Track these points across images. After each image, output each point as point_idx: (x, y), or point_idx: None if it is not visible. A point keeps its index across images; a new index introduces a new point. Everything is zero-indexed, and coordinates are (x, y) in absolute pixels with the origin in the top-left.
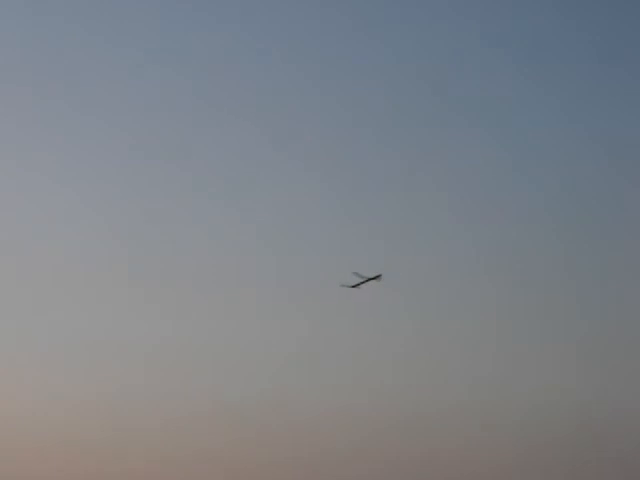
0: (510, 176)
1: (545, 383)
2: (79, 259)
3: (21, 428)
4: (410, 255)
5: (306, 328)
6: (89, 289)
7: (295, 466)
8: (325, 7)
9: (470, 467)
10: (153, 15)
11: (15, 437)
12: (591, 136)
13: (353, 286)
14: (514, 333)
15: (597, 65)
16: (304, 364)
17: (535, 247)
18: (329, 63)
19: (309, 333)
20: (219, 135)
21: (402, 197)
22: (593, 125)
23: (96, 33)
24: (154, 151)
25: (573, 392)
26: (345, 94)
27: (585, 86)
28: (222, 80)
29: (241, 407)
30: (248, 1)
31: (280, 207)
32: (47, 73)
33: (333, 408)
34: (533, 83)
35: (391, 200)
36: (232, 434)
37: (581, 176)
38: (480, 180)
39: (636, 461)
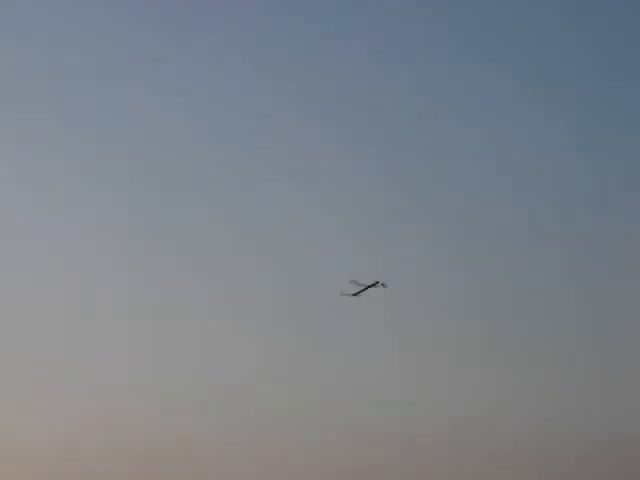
0: (509, 186)
1: (546, 401)
2: (78, 287)
3: (22, 455)
4: (402, 268)
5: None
6: (86, 316)
7: None
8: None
9: None
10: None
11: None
12: (593, 154)
13: (354, 294)
14: (514, 349)
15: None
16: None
17: (538, 260)
18: (327, 74)
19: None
20: (214, 154)
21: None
22: (593, 144)
23: (99, 53)
24: (148, 178)
25: (575, 411)
26: (345, 107)
27: (584, 105)
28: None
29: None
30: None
31: (276, 220)
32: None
33: (333, 424)
34: (532, 95)
35: (386, 214)
36: (234, 459)
37: (580, 192)
38: (479, 192)
39: None
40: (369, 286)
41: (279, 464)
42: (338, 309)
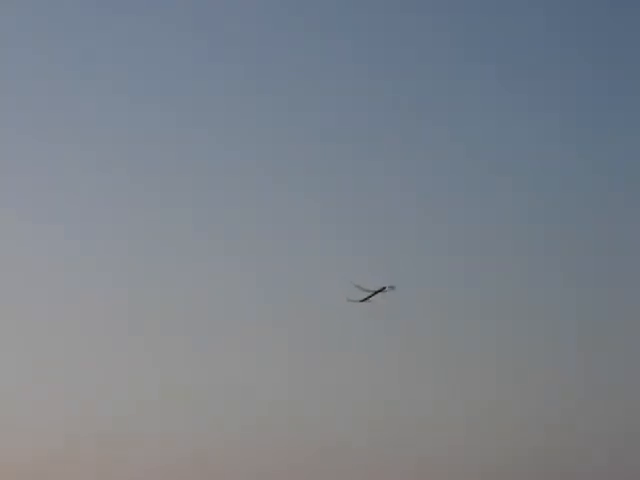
0: (509, 186)
1: (546, 401)
2: (74, 302)
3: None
4: (401, 269)
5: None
6: (86, 316)
7: None
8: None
9: None
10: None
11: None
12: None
13: (361, 300)
14: (514, 349)
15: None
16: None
17: (538, 260)
18: (327, 74)
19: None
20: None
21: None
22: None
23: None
24: (148, 178)
25: (575, 411)
26: (346, 107)
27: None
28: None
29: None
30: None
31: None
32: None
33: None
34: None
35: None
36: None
37: (580, 192)
38: (479, 192)
39: None
40: (376, 292)
41: (279, 464)
42: (338, 310)
